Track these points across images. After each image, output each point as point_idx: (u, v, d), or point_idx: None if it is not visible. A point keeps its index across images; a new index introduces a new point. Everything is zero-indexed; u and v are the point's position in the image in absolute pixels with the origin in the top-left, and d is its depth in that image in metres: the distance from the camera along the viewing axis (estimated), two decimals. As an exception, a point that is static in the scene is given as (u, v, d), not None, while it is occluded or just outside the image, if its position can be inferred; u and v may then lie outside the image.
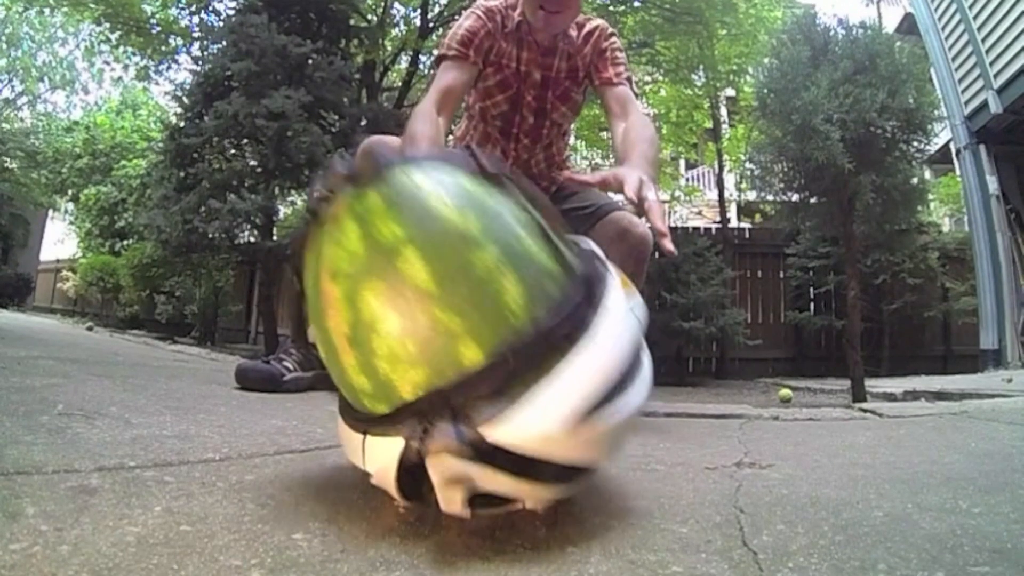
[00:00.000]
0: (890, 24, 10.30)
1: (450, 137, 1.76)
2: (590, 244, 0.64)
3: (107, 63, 7.03)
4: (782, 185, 3.43)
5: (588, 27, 1.76)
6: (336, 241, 0.55)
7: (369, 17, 5.34)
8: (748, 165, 6.66)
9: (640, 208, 1.01)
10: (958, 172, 6.28)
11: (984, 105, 5.27)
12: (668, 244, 0.99)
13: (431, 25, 5.23)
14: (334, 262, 0.55)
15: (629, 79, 1.75)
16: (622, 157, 1.47)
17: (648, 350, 0.64)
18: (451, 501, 0.53)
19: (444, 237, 0.52)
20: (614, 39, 1.78)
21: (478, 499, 0.54)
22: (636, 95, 1.76)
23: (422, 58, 5.47)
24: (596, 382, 0.53)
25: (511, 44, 1.68)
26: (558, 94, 1.77)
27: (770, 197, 3.88)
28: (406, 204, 0.54)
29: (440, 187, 0.55)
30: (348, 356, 0.55)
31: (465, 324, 0.50)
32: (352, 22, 4.80)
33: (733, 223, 8.29)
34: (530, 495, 0.56)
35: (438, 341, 0.51)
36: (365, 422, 0.57)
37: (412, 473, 0.54)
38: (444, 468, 0.51)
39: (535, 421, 0.50)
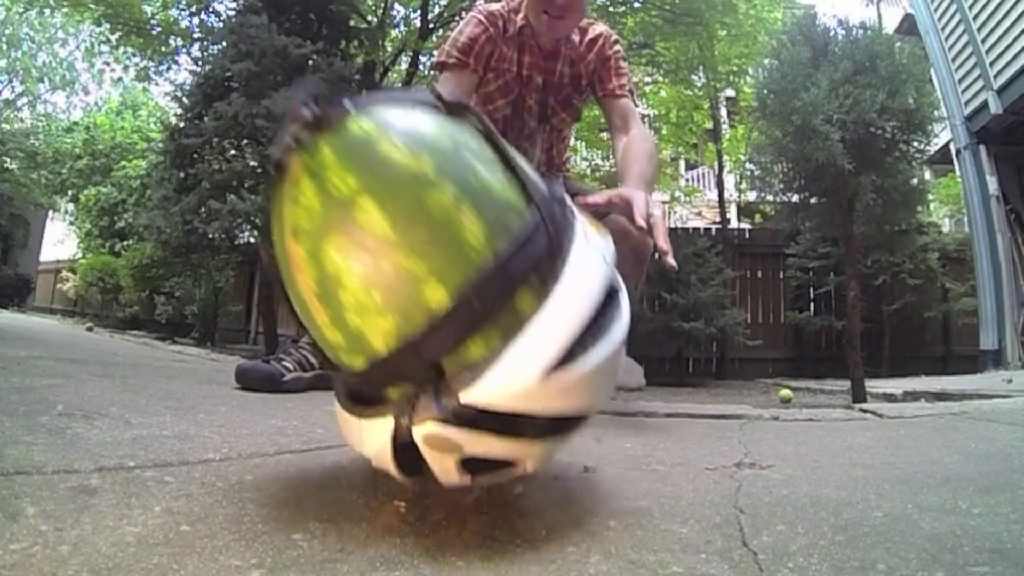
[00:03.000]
0: (890, 25, 10.31)
1: None
2: (559, 185, 0.63)
3: (107, 64, 7.04)
4: (782, 186, 3.44)
5: (592, 33, 1.76)
6: (294, 200, 0.55)
7: (369, 18, 5.34)
8: (748, 166, 6.67)
9: (647, 228, 1.07)
10: (958, 172, 6.28)
11: (984, 105, 5.27)
12: (670, 260, 1.05)
13: (431, 26, 5.24)
14: (294, 221, 0.55)
15: (631, 91, 1.76)
16: (622, 173, 1.51)
17: (625, 290, 0.62)
18: (446, 471, 0.54)
19: (398, 182, 0.52)
20: (618, 47, 1.78)
21: (477, 467, 0.54)
22: (636, 105, 1.77)
23: (422, 59, 5.48)
24: (569, 327, 0.52)
25: (513, 48, 1.67)
26: (559, 99, 1.76)
27: (770, 197, 3.88)
28: (358, 153, 0.54)
29: (391, 131, 0.55)
30: (320, 314, 0.55)
31: (427, 266, 0.50)
32: (352, 23, 4.81)
33: (733, 223, 8.29)
34: (524, 454, 0.55)
35: (403, 287, 0.51)
36: (357, 404, 0.57)
37: (408, 450, 0.54)
38: (430, 439, 0.51)
39: (510, 378, 0.50)
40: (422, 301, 0.50)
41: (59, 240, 12.62)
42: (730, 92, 7.59)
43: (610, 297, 0.58)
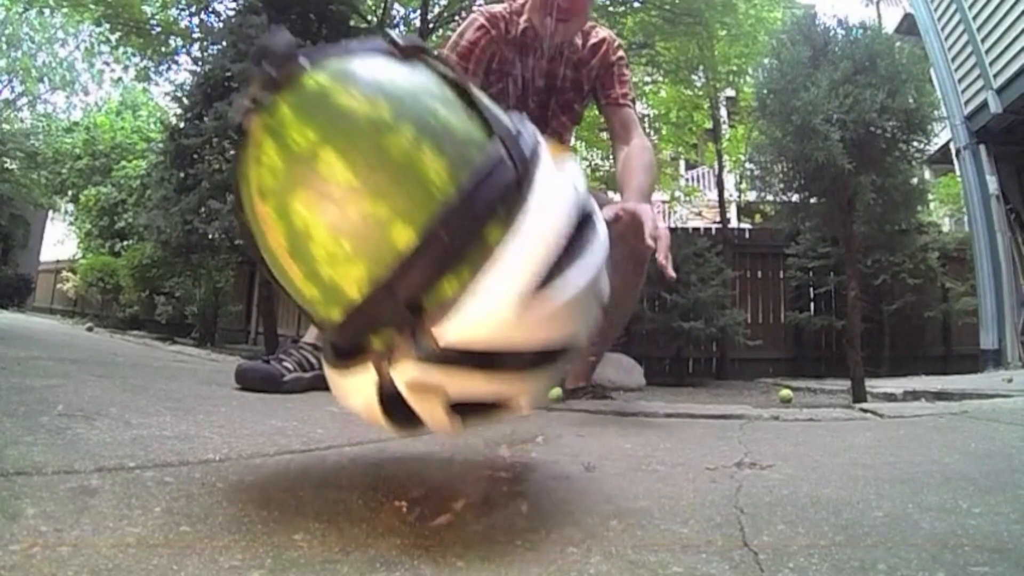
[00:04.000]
0: (890, 24, 10.31)
1: None
2: (523, 119, 0.62)
3: (107, 64, 7.04)
4: (782, 185, 3.43)
5: (595, 37, 1.75)
6: (257, 161, 0.55)
7: (369, 18, 5.34)
8: (748, 165, 6.66)
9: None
10: (958, 172, 6.28)
11: (984, 105, 5.27)
12: (670, 271, 1.16)
13: (431, 26, 5.24)
14: (259, 182, 0.55)
15: (633, 99, 1.77)
16: (622, 185, 1.55)
17: (600, 216, 0.61)
18: (433, 416, 0.54)
19: (356, 130, 0.52)
20: (621, 52, 1.78)
21: (466, 410, 0.54)
22: (636, 112, 1.79)
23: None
24: (540, 253, 0.51)
25: (515, 50, 1.67)
26: (561, 103, 1.76)
27: (770, 197, 3.88)
28: (315, 107, 0.54)
29: (346, 81, 0.55)
30: (294, 270, 0.55)
31: (392, 208, 0.51)
32: (352, 23, 4.81)
33: (733, 223, 8.28)
34: (511, 391, 0.55)
35: (370, 232, 0.51)
36: (341, 359, 0.57)
37: (396, 401, 0.54)
38: (411, 383, 0.51)
39: (485, 309, 0.50)
40: (391, 243, 0.50)
41: (59, 240, 12.62)
42: (730, 92, 7.59)
43: (584, 222, 0.57)
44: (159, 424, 0.94)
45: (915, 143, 3.19)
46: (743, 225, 8.84)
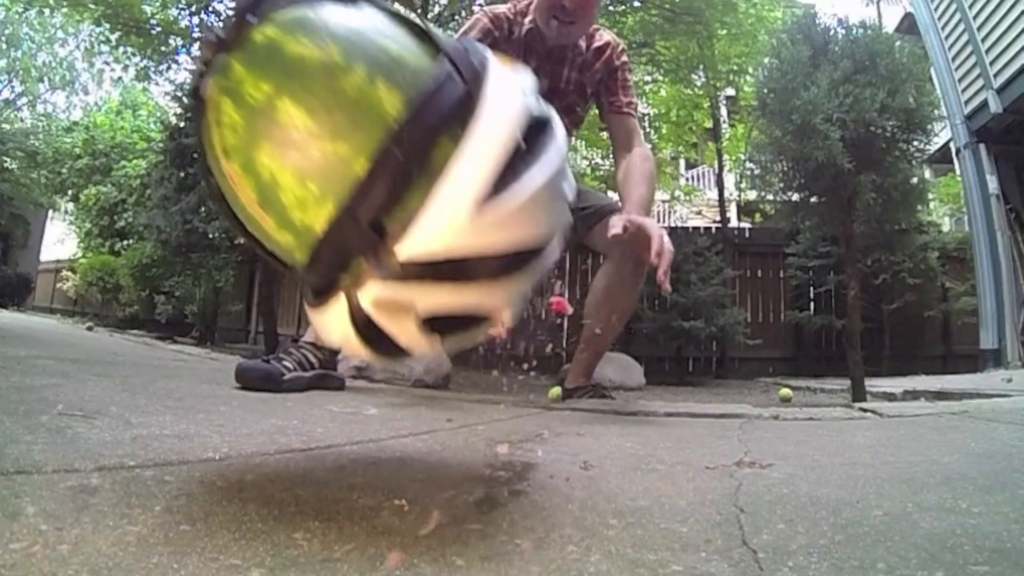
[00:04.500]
0: (890, 24, 10.32)
1: None
2: (470, 40, 0.63)
3: (107, 63, 7.02)
4: (782, 185, 3.43)
5: (599, 41, 1.75)
6: (218, 123, 0.56)
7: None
8: (748, 165, 6.68)
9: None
10: (958, 172, 6.29)
11: (984, 105, 5.27)
12: (666, 287, 1.26)
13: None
14: (223, 142, 0.56)
15: (636, 107, 1.78)
16: (624, 195, 1.58)
17: (557, 120, 0.62)
18: (409, 335, 0.55)
19: (310, 75, 0.53)
20: (624, 57, 1.78)
21: (442, 326, 0.55)
22: (639, 120, 1.80)
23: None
24: (491, 159, 0.52)
25: (518, 52, 1.67)
26: (563, 106, 1.76)
27: (770, 197, 3.88)
28: (267, 60, 0.55)
29: (295, 30, 0.56)
30: (267, 221, 0.56)
31: (353, 145, 0.52)
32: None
33: (733, 223, 8.29)
34: (483, 301, 0.55)
35: (334, 170, 0.52)
36: (317, 298, 0.58)
37: (372, 328, 0.55)
38: (377, 302, 0.53)
39: (441, 220, 0.50)
40: (353, 177, 0.52)
41: (59, 240, 12.63)
42: (730, 91, 7.60)
43: (538, 126, 0.58)
44: (159, 423, 0.94)
45: (915, 142, 3.19)
46: (743, 224, 8.84)
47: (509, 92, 0.56)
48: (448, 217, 0.50)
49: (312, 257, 0.55)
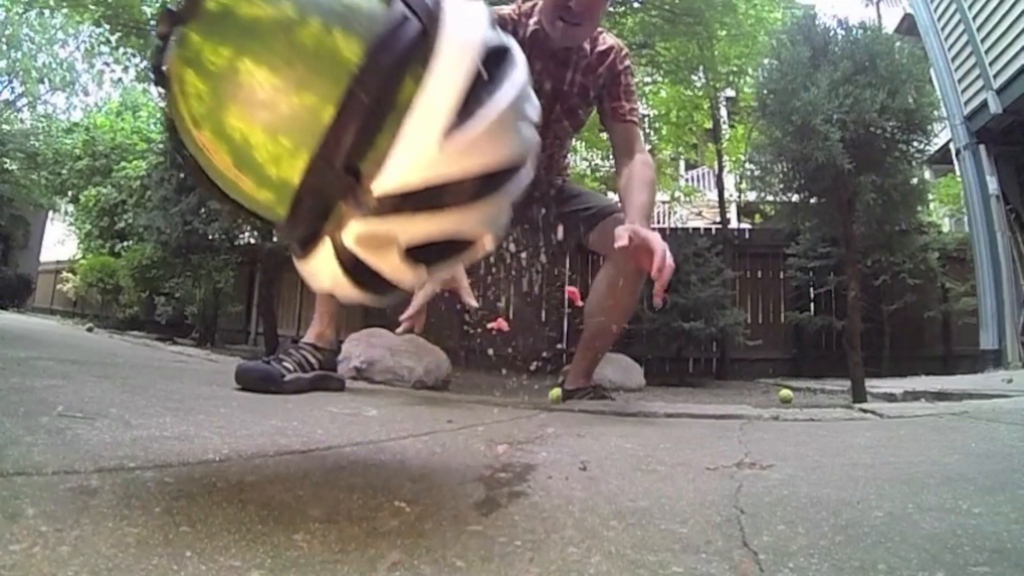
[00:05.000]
0: (890, 25, 10.33)
1: None
2: None
3: (107, 64, 7.02)
4: (782, 185, 3.44)
5: (603, 45, 1.75)
6: (184, 95, 0.57)
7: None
8: (748, 165, 6.66)
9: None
10: (958, 172, 6.29)
11: (984, 105, 5.28)
12: (658, 301, 1.32)
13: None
14: (191, 113, 0.57)
15: (638, 113, 1.79)
16: (625, 201, 1.60)
17: (516, 46, 0.63)
18: (394, 268, 0.56)
19: (266, 33, 0.54)
20: (628, 62, 1.78)
21: (426, 256, 0.56)
22: (640, 126, 1.81)
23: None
24: (454, 89, 0.53)
25: (523, 53, 1.67)
26: (566, 108, 1.76)
27: (770, 197, 3.88)
28: (222, 26, 0.56)
29: None
30: (245, 182, 0.57)
31: (318, 94, 0.53)
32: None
33: (733, 223, 8.30)
34: (462, 225, 0.57)
35: (303, 122, 0.53)
36: (303, 249, 0.59)
37: (359, 267, 0.57)
38: (361, 239, 0.54)
39: (411, 152, 0.52)
40: (323, 125, 0.53)
41: (59, 241, 12.62)
42: (730, 92, 7.60)
43: (497, 54, 0.59)
44: (159, 424, 0.94)
45: (915, 143, 3.19)
46: (743, 225, 8.85)
47: (465, 26, 0.58)
48: (418, 150, 0.52)
49: (293, 209, 0.56)
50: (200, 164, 0.60)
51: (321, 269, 0.58)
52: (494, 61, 0.57)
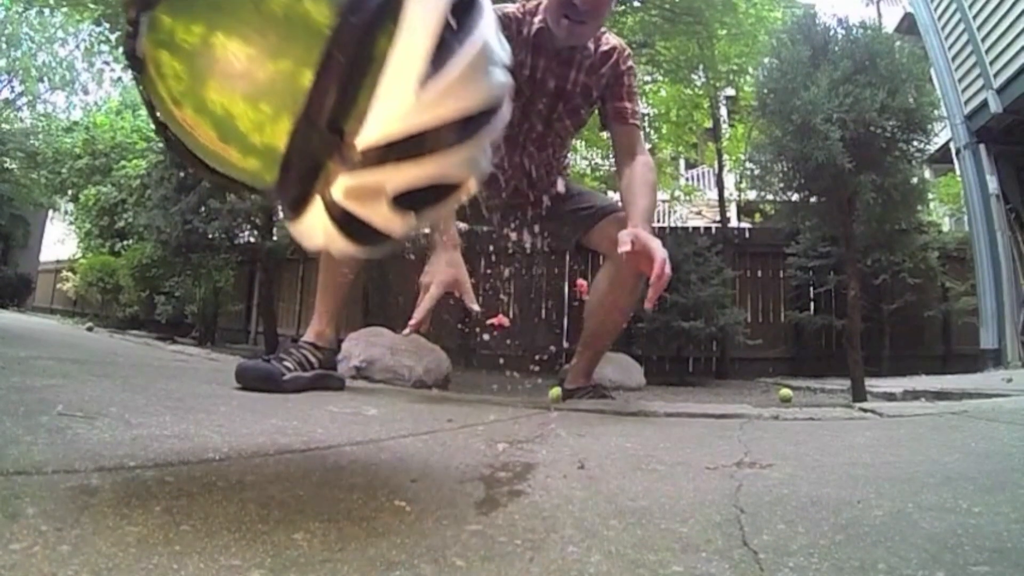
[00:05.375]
0: (890, 24, 10.32)
1: None
2: None
3: (107, 63, 7.05)
4: (782, 185, 3.44)
5: (606, 45, 1.75)
6: (161, 76, 0.58)
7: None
8: (748, 165, 6.66)
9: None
10: (958, 172, 6.28)
11: (984, 105, 5.27)
12: (648, 304, 1.39)
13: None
14: (170, 93, 0.58)
15: (640, 115, 1.80)
16: (628, 203, 1.62)
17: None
18: (384, 217, 0.58)
19: (236, 6, 0.55)
20: (631, 62, 1.78)
21: (413, 202, 0.58)
22: (641, 127, 1.83)
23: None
24: (425, 40, 0.55)
25: (527, 51, 1.67)
26: (568, 108, 1.76)
27: (770, 197, 3.88)
28: (191, 5, 0.57)
29: None
30: (231, 154, 0.58)
31: (295, 59, 0.54)
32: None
33: (733, 223, 8.29)
34: (447, 168, 0.58)
35: (283, 87, 0.54)
36: (295, 211, 0.60)
37: (351, 221, 0.58)
38: (348, 192, 0.56)
39: (390, 106, 0.54)
40: (302, 87, 0.54)
41: (59, 240, 12.61)
42: (730, 91, 7.59)
43: (464, 3, 0.60)
44: (159, 424, 0.94)
45: (915, 142, 3.19)
46: (743, 224, 8.84)
47: None
48: (396, 102, 0.54)
49: (282, 173, 0.57)
50: (184, 142, 0.61)
51: (314, 227, 0.60)
52: (462, 10, 0.59)
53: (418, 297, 1.50)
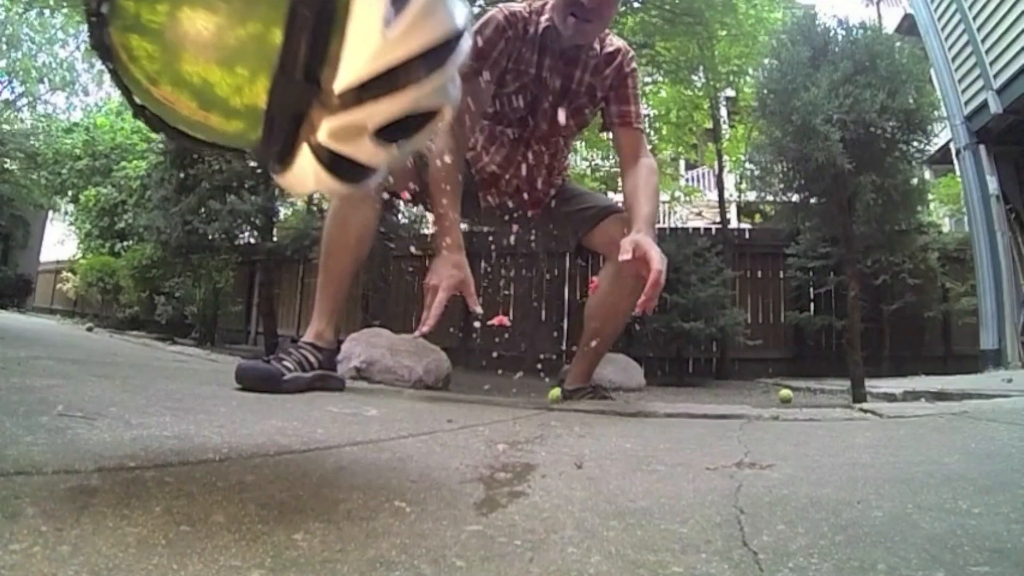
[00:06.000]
0: (890, 25, 10.33)
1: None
2: None
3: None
4: (782, 185, 3.44)
5: (610, 46, 1.76)
6: (133, 60, 0.59)
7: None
8: (748, 165, 6.66)
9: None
10: (958, 172, 6.28)
11: (984, 105, 5.27)
12: (639, 310, 1.43)
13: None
14: (146, 73, 0.59)
15: (642, 118, 1.81)
16: (632, 208, 1.64)
17: None
18: (370, 153, 0.61)
19: None
20: (634, 64, 1.80)
21: (392, 134, 0.61)
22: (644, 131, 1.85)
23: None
24: None
25: (533, 50, 1.67)
26: (572, 107, 1.76)
27: (770, 197, 3.89)
28: None
29: None
30: (214, 119, 0.60)
31: (263, 20, 0.56)
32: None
33: (733, 223, 8.29)
34: (420, 97, 0.61)
35: (255, 48, 0.56)
36: (282, 163, 0.63)
37: (335, 160, 0.61)
38: (333, 132, 0.59)
39: (360, 49, 0.57)
40: (274, 45, 0.56)
41: (59, 241, 12.62)
42: (730, 92, 7.59)
43: None
44: (159, 424, 0.94)
45: (915, 143, 3.19)
46: (743, 225, 8.85)
47: None
48: (365, 45, 0.57)
49: (266, 128, 0.59)
50: (166, 119, 0.63)
51: (304, 172, 0.62)
52: None
53: (424, 299, 1.52)
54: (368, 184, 0.67)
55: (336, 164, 0.62)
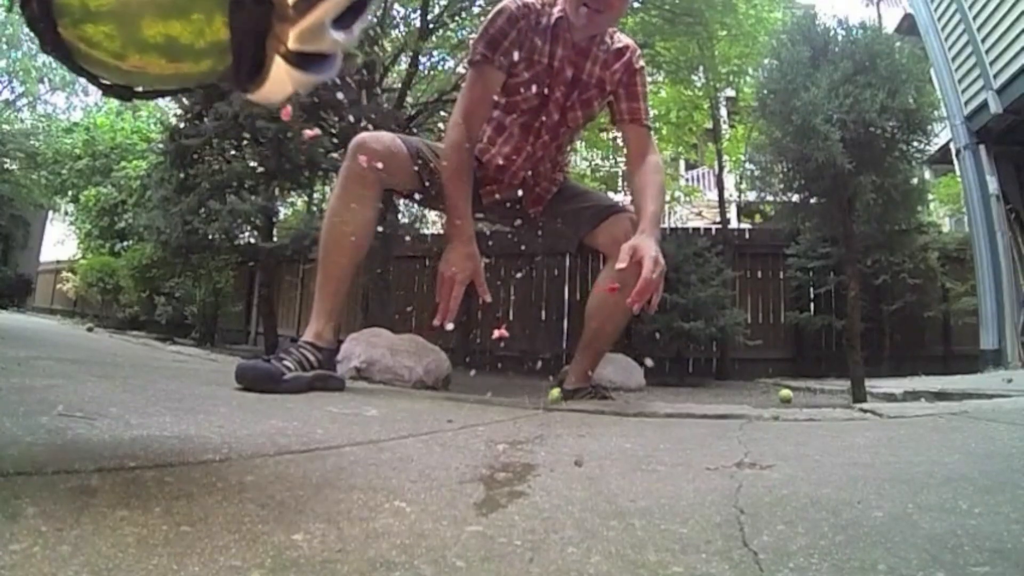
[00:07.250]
0: (890, 25, 10.33)
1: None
2: None
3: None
4: (782, 185, 3.44)
5: (619, 43, 1.78)
6: (95, 47, 0.60)
7: (369, 18, 5.33)
8: (748, 165, 6.68)
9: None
10: (958, 172, 6.29)
11: (984, 105, 5.27)
12: (635, 309, 1.44)
13: (431, 26, 5.24)
14: (113, 51, 0.60)
15: (650, 116, 1.83)
16: (639, 206, 1.71)
17: None
18: (331, 43, 0.66)
19: None
20: (642, 62, 1.82)
21: (346, 21, 0.64)
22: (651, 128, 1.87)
23: (422, 59, 5.48)
24: None
25: (545, 40, 1.69)
26: (583, 98, 1.78)
27: (770, 197, 3.89)
28: None
29: None
30: (186, 66, 0.63)
31: None
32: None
33: (733, 223, 8.29)
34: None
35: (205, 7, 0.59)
36: (252, 79, 0.66)
37: (301, 58, 0.65)
38: (300, 38, 0.62)
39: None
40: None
41: (59, 241, 12.62)
42: (730, 92, 7.60)
43: None
44: (159, 424, 0.94)
45: (915, 143, 3.19)
46: (743, 225, 8.85)
47: None
48: None
49: (235, 55, 0.63)
50: (141, 83, 0.67)
51: (281, 79, 0.66)
52: None
53: (435, 288, 1.61)
54: (334, 68, 0.71)
55: (305, 62, 0.66)
